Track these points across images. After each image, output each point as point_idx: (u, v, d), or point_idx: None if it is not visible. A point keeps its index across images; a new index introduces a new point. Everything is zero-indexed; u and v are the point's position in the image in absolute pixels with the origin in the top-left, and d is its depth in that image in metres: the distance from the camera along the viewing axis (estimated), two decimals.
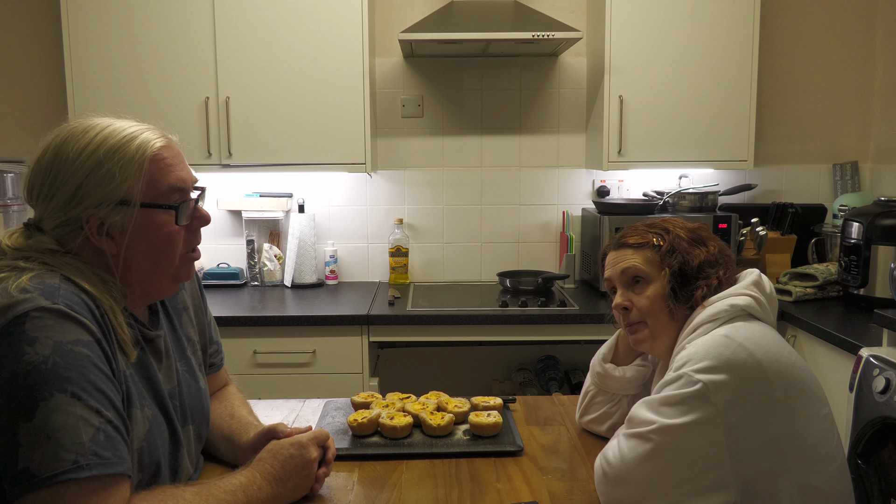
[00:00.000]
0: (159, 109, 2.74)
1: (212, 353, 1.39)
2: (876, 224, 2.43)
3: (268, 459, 1.17)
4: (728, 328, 1.15)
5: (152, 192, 1.07)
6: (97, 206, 1.04)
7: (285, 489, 1.16)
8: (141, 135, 1.08)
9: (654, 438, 1.09)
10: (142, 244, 1.08)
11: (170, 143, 1.12)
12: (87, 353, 0.95)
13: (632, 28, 2.78)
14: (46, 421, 0.89)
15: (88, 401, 0.93)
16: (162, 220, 1.08)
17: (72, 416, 0.91)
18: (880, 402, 1.83)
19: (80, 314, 0.96)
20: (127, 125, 1.09)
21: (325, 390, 2.51)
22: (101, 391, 0.95)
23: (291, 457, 1.17)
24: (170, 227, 1.09)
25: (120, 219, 1.05)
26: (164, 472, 1.10)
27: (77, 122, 1.09)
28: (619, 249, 1.33)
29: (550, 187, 3.21)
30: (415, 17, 2.94)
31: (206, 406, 1.28)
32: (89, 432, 0.91)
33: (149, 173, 1.07)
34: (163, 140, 1.11)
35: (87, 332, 0.96)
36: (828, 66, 3.15)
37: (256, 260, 3.11)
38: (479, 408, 1.53)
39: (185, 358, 1.24)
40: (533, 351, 3.17)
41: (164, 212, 1.08)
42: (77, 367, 0.93)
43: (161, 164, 1.08)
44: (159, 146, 1.09)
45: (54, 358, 0.92)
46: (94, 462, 0.91)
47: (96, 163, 1.04)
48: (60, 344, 0.93)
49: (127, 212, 1.05)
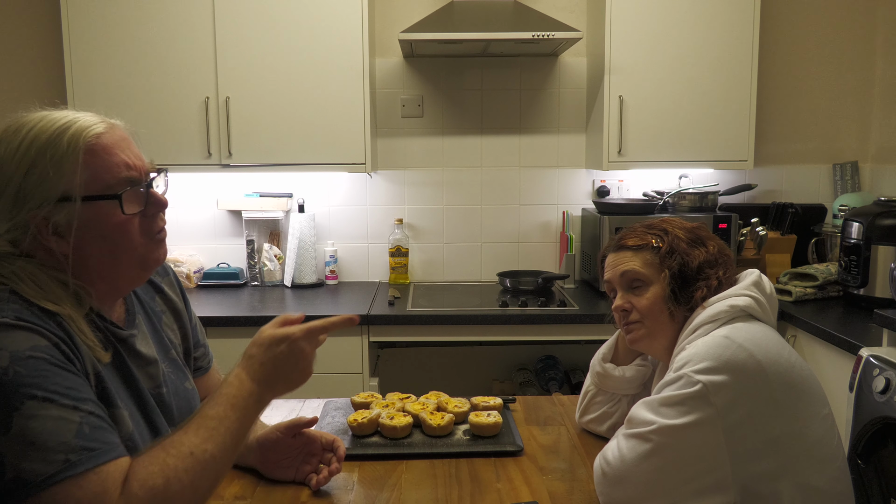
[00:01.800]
0: (159, 109, 2.74)
1: (199, 357, 1.36)
2: (876, 224, 2.43)
3: (257, 356, 1.08)
4: (728, 329, 1.15)
5: (96, 184, 1.01)
6: (38, 206, 0.99)
7: (281, 384, 1.09)
8: (74, 125, 1.01)
9: (654, 439, 1.09)
10: (94, 239, 1.02)
11: (111, 129, 1.05)
12: (45, 356, 0.92)
13: (632, 28, 2.78)
14: (25, 429, 0.87)
15: (61, 401, 0.91)
16: (108, 211, 1.02)
17: (49, 419, 0.89)
18: (880, 402, 1.83)
19: (30, 321, 0.93)
20: (60, 116, 1.03)
21: (325, 390, 2.48)
22: (70, 388, 0.92)
23: (281, 353, 1.08)
24: (117, 217, 1.02)
25: (64, 216, 0.99)
26: None
27: (12, 120, 1.03)
28: (618, 251, 1.33)
29: (550, 187, 3.21)
30: (415, 17, 2.94)
31: (193, 407, 1.24)
32: (72, 429, 0.90)
33: (86, 164, 1.00)
34: (101, 126, 1.03)
35: (41, 336, 0.93)
36: (828, 66, 3.15)
37: (256, 260, 3.11)
38: (479, 408, 1.53)
39: (169, 359, 1.22)
40: (533, 351, 3.17)
41: (108, 203, 1.02)
42: (39, 373, 0.91)
43: (100, 153, 1.02)
44: (95, 133, 1.02)
45: (14, 368, 0.89)
46: (84, 456, 0.89)
47: (30, 163, 0.99)
48: (16, 353, 0.90)
49: (69, 208, 0.99)
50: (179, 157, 2.77)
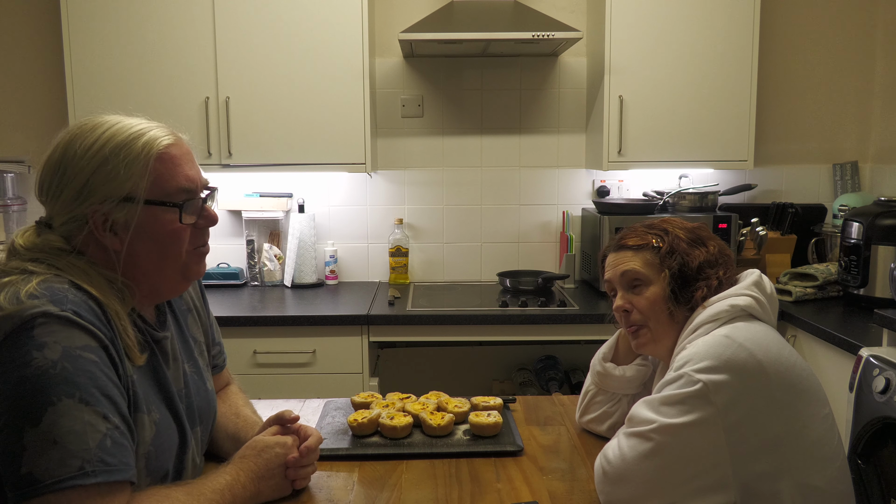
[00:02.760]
0: (159, 109, 2.73)
1: (215, 355, 1.39)
2: (876, 224, 2.43)
3: (251, 457, 1.17)
4: (728, 328, 1.15)
5: (157, 190, 1.07)
6: (102, 202, 1.04)
7: (266, 487, 1.16)
8: (149, 132, 1.08)
9: (655, 438, 1.09)
10: (146, 241, 1.07)
11: (178, 142, 1.12)
12: (94, 359, 0.95)
13: (632, 28, 2.78)
14: (53, 426, 0.89)
15: (96, 406, 0.93)
16: (166, 217, 1.08)
17: (79, 422, 0.90)
18: (880, 402, 1.83)
19: (88, 321, 0.96)
20: (135, 122, 1.09)
21: (325, 390, 2.51)
22: (108, 397, 0.95)
23: (276, 455, 1.18)
24: (174, 224, 1.09)
25: (124, 215, 1.05)
26: (170, 474, 1.10)
27: (87, 119, 1.09)
28: (618, 251, 1.33)
29: (550, 187, 3.21)
30: (415, 17, 2.94)
31: (213, 407, 1.28)
32: (96, 438, 0.91)
33: (154, 171, 1.06)
34: (171, 138, 1.10)
35: (94, 338, 0.96)
36: (828, 67, 3.15)
37: (256, 260, 3.11)
38: (479, 408, 1.53)
39: (192, 359, 1.24)
40: (533, 351, 3.17)
41: (168, 209, 1.08)
42: (85, 373, 0.93)
43: (168, 163, 1.08)
44: (166, 144, 1.09)
45: (63, 363, 0.91)
46: (99, 469, 0.91)
47: (102, 160, 1.04)
48: (69, 349, 0.93)
49: (131, 208, 1.05)
50: None
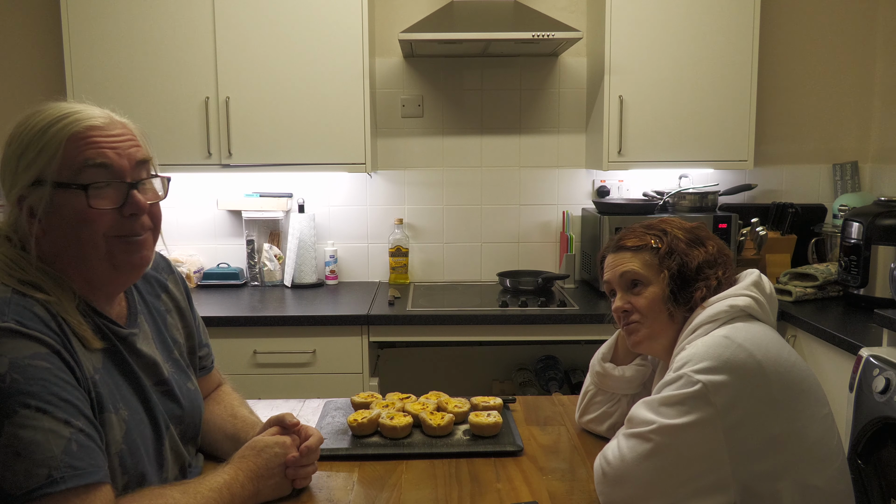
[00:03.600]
0: (159, 109, 2.74)
1: (202, 356, 1.37)
2: (876, 224, 2.43)
3: (250, 457, 1.16)
4: (728, 329, 1.15)
5: (66, 172, 1.01)
6: (21, 187, 1.02)
7: (266, 487, 1.16)
8: (72, 115, 1.03)
9: (654, 438, 1.09)
10: (62, 227, 1.03)
11: (108, 124, 1.05)
12: (46, 366, 0.93)
13: (632, 28, 2.78)
14: (14, 438, 0.87)
15: (55, 413, 0.91)
16: (74, 201, 1.02)
17: (40, 431, 0.89)
18: (880, 402, 1.83)
19: (33, 328, 0.94)
20: (66, 107, 1.05)
21: (325, 390, 2.51)
22: (66, 401, 0.92)
23: (275, 455, 1.17)
24: (81, 208, 1.02)
25: (37, 199, 1.01)
26: (149, 470, 1.09)
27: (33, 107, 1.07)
28: (617, 252, 1.33)
29: (550, 187, 3.21)
30: (415, 17, 2.94)
31: (196, 405, 1.26)
32: (60, 444, 0.90)
33: (65, 151, 1.01)
34: (99, 120, 1.04)
35: (42, 344, 0.94)
36: (828, 66, 3.15)
37: (256, 260, 3.11)
38: (479, 408, 1.53)
39: (172, 359, 1.23)
40: (533, 351, 3.17)
41: (75, 192, 1.02)
42: (38, 381, 0.91)
43: (80, 142, 1.02)
44: (86, 126, 1.03)
45: (12, 375, 0.89)
46: (68, 474, 0.89)
47: (26, 144, 1.02)
48: (16, 360, 0.90)
49: (40, 191, 1.01)
50: (179, 157, 2.77)
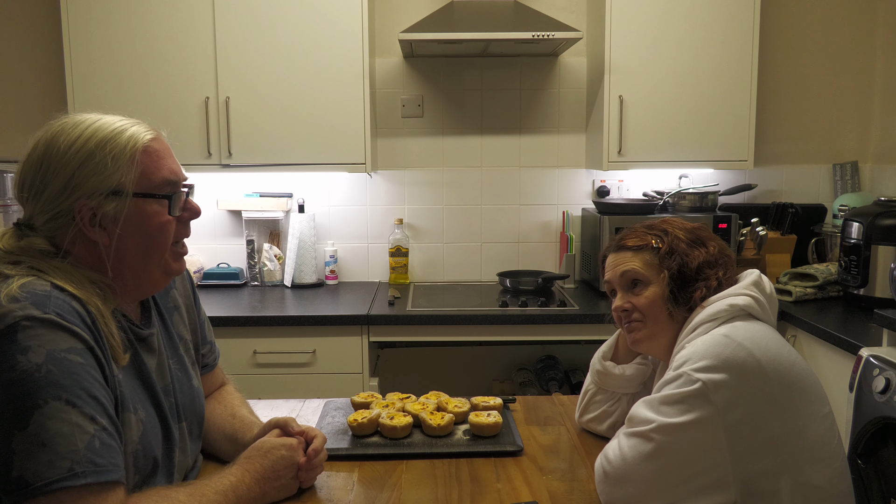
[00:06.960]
0: (159, 109, 2.74)
1: (205, 353, 1.39)
2: (876, 224, 2.43)
3: (257, 458, 1.17)
4: (727, 328, 1.15)
5: (145, 183, 1.08)
6: (89, 196, 1.04)
7: (272, 489, 1.16)
8: (131, 127, 1.10)
9: (655, 437, 1.09)
10: (134, 234, 1.08)
11: (159, 137, 1.14)
12: (80, 361, 0.95)
13: (632, 28, 2.78)
14: (41, 428, 0.89)
15: (83, 408, 0.93)
16: (154, 210, 1.09)
17: (67, 424, 0.91)
18: (880, 402, 1.83)
19: (72, 323, 0.96)
20: (116, 119, 1.10)
21: (325, 390, 2.51)
22: (95, 398, 0.95)
23: (282, 458, 1.18)
24: (162, 217, 1.10)
25: (112, 208, 1.05)
26: (159, 470, 1.10)
27: (66, 117, 1.10)
28: (618, 252, 1.34)
29: (550, 187, 3.21)
30: (415, 17, 2.94)
31: (198, 403, 1.27)
32: (84, 439, 0.91)
33: (141, 164, 1.07)
34: (152, 133, 1.12)
35: (79, 340, 0.96)
36: (828, 66, 3.15)
37: (256, 260, 3.11)
38: (479, 408, 1.53)
39: (177, 356, 1.24)
40: (533, 351, 3.17)
41: (157, 202, 1.09)
42: (71, 375, 0.93)
43: (152, 156, 1.09)
44: (149, 138, 1.10)
45: (48, 366, 0.91)
46: (89, 469, 0.91)
47: (88, 153, 1.05)
48: (53, 352, 0.92)
49: (119, 201, 1.05)
50: (179, 157, 2.68)
